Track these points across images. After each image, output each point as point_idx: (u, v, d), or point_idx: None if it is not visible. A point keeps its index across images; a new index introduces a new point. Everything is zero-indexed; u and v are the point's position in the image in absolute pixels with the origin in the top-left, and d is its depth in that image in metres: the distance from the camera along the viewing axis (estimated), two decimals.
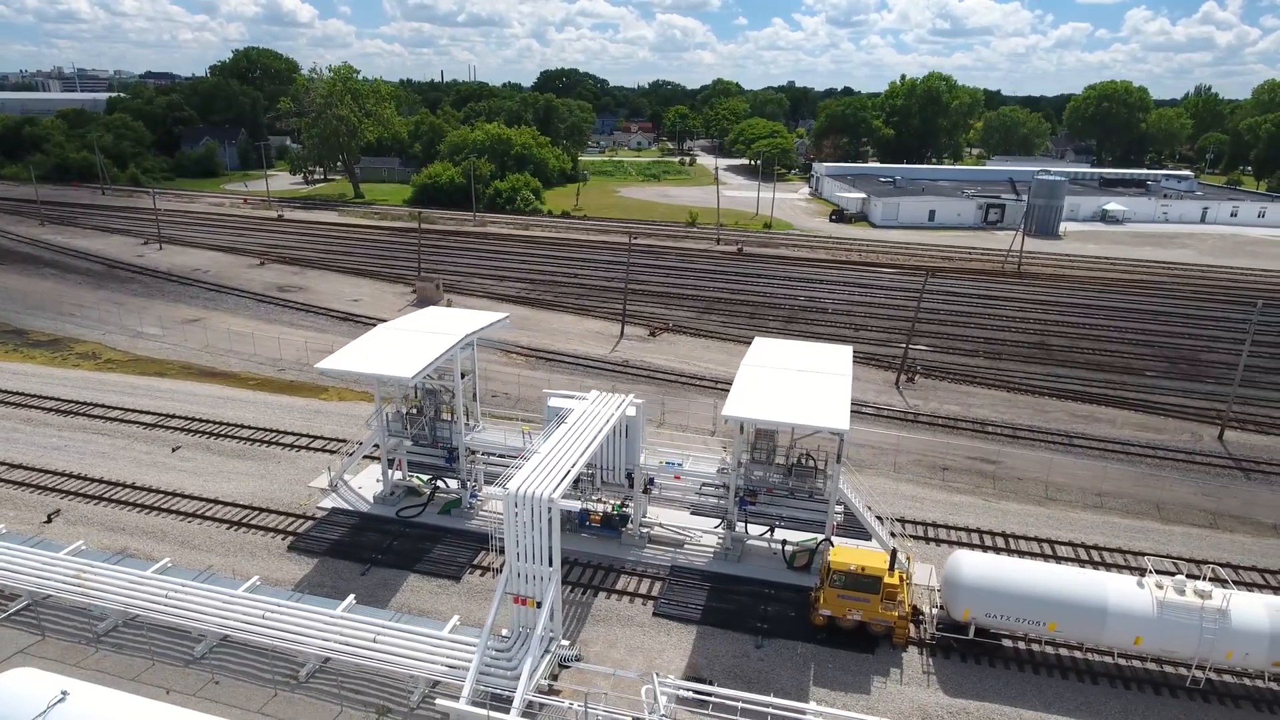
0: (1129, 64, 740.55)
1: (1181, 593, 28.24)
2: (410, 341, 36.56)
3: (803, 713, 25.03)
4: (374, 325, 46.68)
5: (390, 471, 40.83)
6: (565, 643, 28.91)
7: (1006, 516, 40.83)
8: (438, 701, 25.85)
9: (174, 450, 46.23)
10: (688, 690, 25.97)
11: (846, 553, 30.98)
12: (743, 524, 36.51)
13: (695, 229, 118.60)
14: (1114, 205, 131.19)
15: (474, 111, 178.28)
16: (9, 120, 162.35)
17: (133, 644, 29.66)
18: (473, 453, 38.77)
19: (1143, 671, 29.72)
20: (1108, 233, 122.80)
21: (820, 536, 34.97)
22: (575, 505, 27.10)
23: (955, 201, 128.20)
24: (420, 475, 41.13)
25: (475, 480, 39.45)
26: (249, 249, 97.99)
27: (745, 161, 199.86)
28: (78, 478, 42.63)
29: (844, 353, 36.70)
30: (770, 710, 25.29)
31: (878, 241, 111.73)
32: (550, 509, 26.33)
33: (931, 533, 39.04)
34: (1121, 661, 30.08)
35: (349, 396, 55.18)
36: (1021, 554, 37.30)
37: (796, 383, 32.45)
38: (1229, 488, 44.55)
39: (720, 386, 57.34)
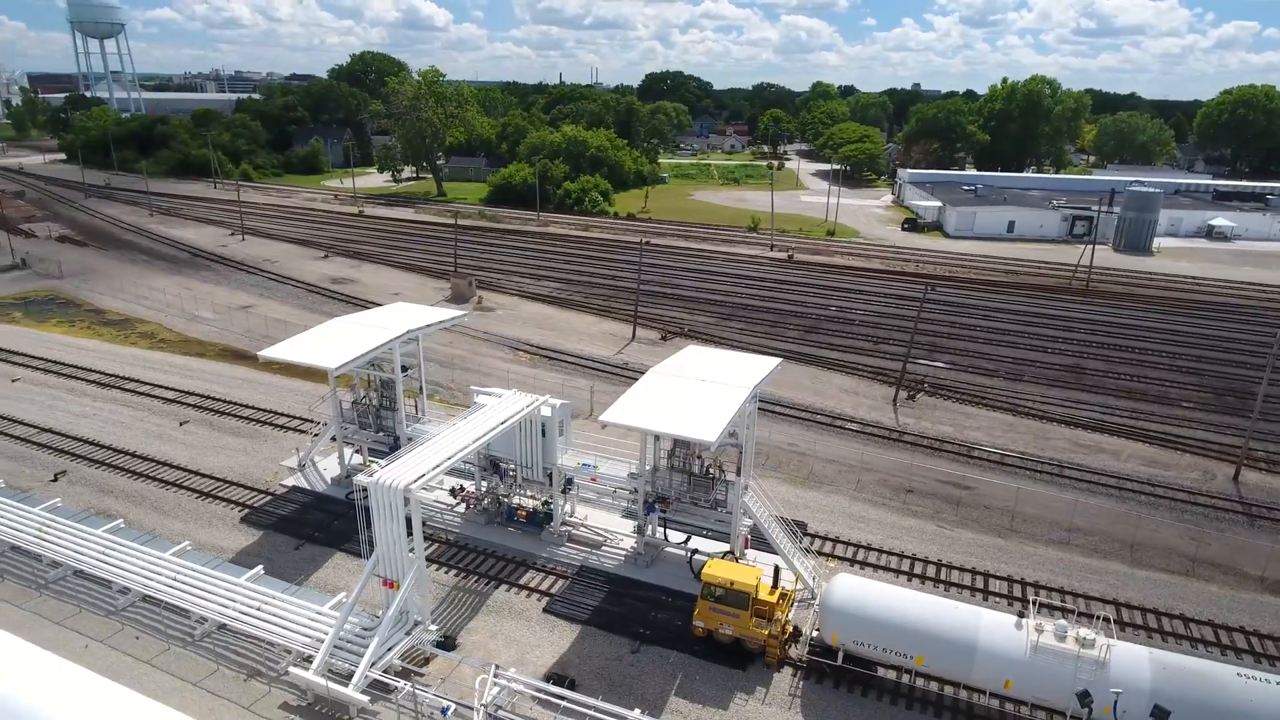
0: None
1: (1061, 638, 26.49)
2: (354, 334, 38.79)
3: (623, 719, 25.21)
4: None
5: (350, 455, 43.43)
6: (433, 628, 30.17)
7: (953, 545, 39.07)
8: (290, 670, 27.65)
9: (182, 424, 50.63)
10: (520, 684, 26.63)
11: (721, 566, 30.76)
12: (660, 529, 36.75)
13: (754, 234, 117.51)
14: (1221, 220, 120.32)
15: (561, 114, 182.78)
16: (145, 119, 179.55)
17: (71, 592, 33.13)
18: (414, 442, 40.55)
19: (1028, 715, 28.05)
20: (1208, 250, 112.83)
21: (727, 548, 34.73)
22: (430, 496, 28.13)
23: (1038, 212, 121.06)
24: (379, 461, 43.36)
25: None
26: (319, 242, 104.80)
27: (838, 167, 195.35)
28: (91, 443, 47.49)
29: (766, 364, 36.13)
30: (592, 713, 25.64)
31: (942, 253, 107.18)
32: (407, 498, 27.63)
33: (862, 555, 37.88)
34: (1008, 707, 28.47)
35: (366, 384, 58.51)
36: (951, 585, 35.78)
37: (691, 392, 32.36)
38: (1224, 533, 40.78)
39: None
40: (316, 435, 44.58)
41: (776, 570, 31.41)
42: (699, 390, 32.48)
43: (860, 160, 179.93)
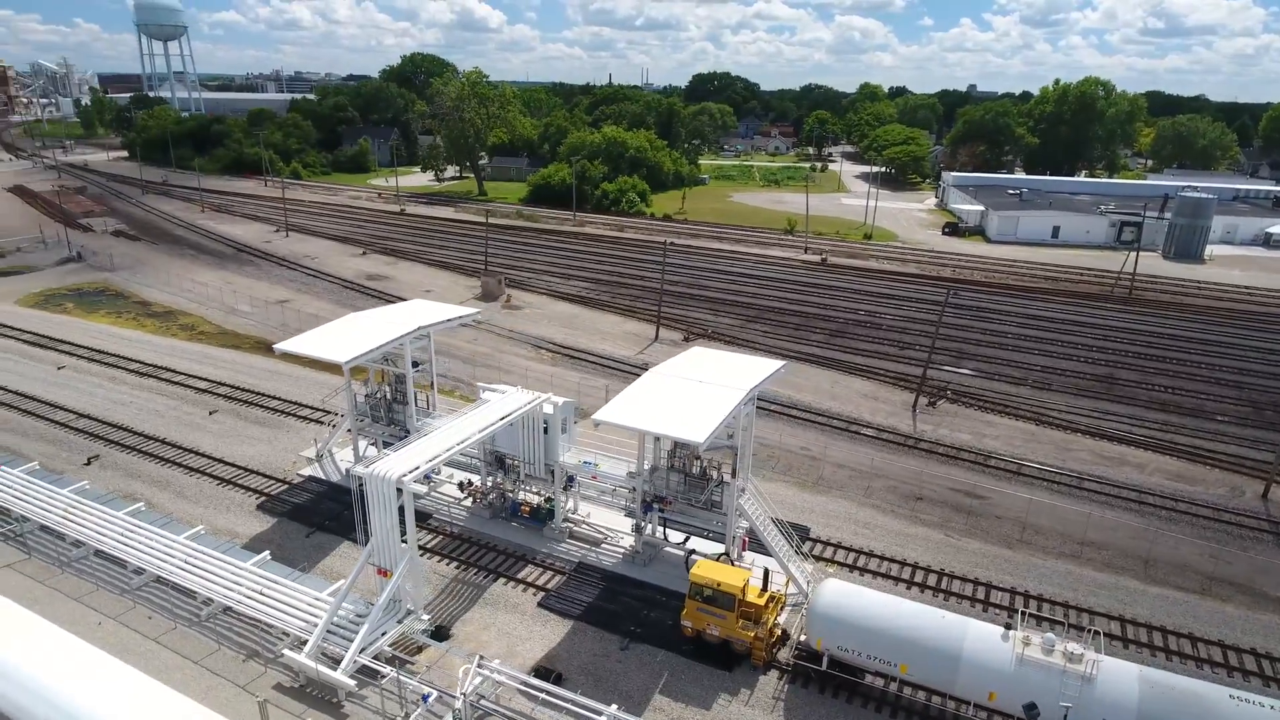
0: None
1: (1049, 651, 25.97)
2: (368, 329, 39.80)
3: (599, 713, 25.50)
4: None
5: (366, 447, 44.54)
6: (425, 617, 30.88)
7: (958, 555, 38.46)
8: (285, 653, 28.59)
9: (211, 413, 52.49)
10: (502, 675, 27.10)
11: (709, 566, 30.82)
12: (661, 529, 37.00)
13: (790, 237, 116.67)
14: None
15: (604, 115, 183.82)
16: (202, 118, 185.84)
17: (90, 571, 34.71)
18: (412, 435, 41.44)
19: None
20: (1265, 259, 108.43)
21: (723, 549, 34.80)
22: (423, 489, 28.77)
23: (1084, 218, 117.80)
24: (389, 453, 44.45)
25: None
26: (358, 239, 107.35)
27: (880, 169, 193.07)
28: (125, 430, 49.56)
29: (768, 366, 36.05)
30: (568, 705, 26.00)
31: (982, 258, 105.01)
32: (400, 489, 28.37)
33: (863, 562, 37.54)
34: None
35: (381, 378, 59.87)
36: (951, 595, 35.25)
37: (687, 392, 32.48)
38: (1247, 552, 39.33)
39: None
40: (334, 426, 45.87)
41: (766, 573, 31.40)
42: (695, 391, 32.61)
43: (904, 163, 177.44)
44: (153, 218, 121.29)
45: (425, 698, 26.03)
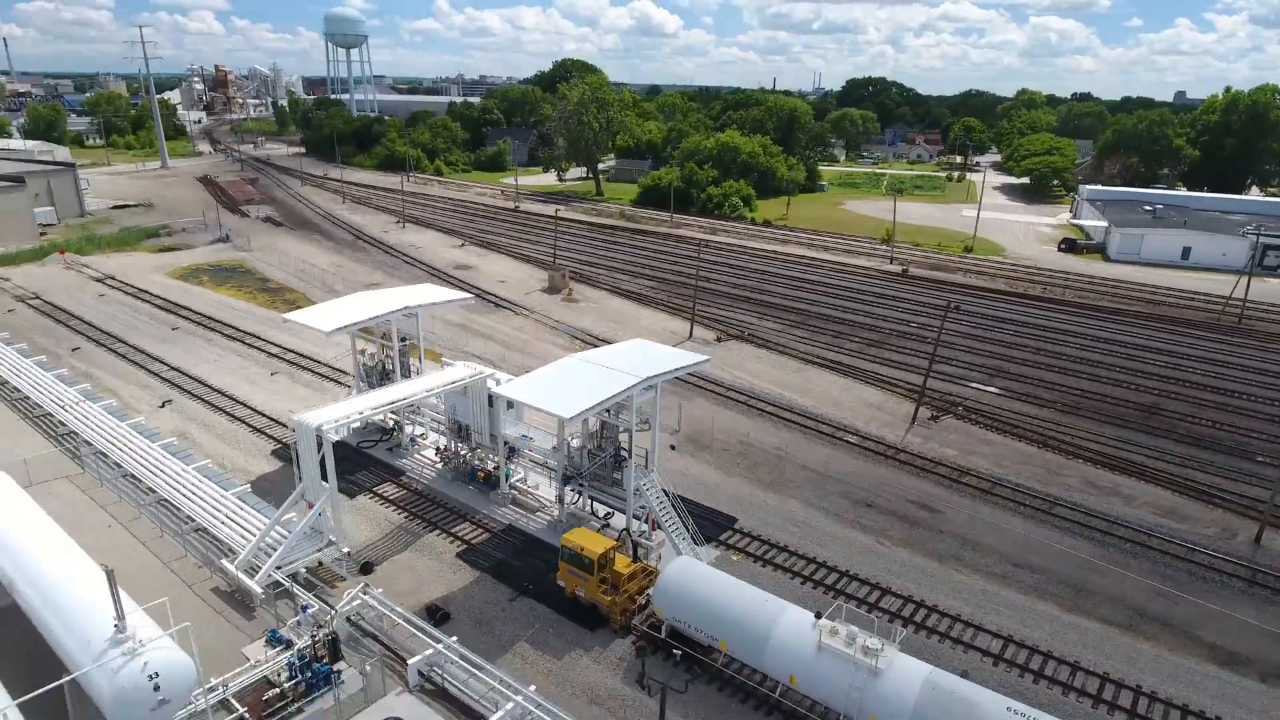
0: None
1: (850, 643, 26.99)
2: (362, 306, 45.70)
3: (438, 640, 29.30)
4: (503, 305, 54.05)
5: None
6: (345, 549, 35.94)
7: (875, 560, 38.83)
8: (221, 562, 34.53)
9: (272, 375, 60.92)
10: (374, 601, 31.46)
11: (581, 534, 33.70)
12: (588, 503, 40.21)
13: (882, 247, 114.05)
14: None
15: (729, 120, 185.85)
16: (366, 119, 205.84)
17: (119, 487, 42.59)
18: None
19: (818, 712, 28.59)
20: None
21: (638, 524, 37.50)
22: (335, 436, 33.46)
23: (1221, 239, 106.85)
24: (393, 416, 50.34)
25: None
26: (463, 232, 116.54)
27: (1016, 180, 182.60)
28: (200, 382, 58.78)
29: (685, 359, 38.27)
30: (419, 634, 29.98)
31: (1088, 277, 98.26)
32: (320, 437, 33.49)
33: (769, 554, 38.84)
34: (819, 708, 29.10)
35: (430, 356, 66.50)
36: (843, 595, 35.94)
37: (587, 375, 35.40)
38: (1206, 596, 36.82)
39: (732, 395, 59.00)
40: (349, 389, 52.39)
41: (635, 545, 33.84)
42: (595, 374, 35.54)
43: (1044, 174, 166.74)
44: (300, 206, 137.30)
45: (305, 608, 30.89)
